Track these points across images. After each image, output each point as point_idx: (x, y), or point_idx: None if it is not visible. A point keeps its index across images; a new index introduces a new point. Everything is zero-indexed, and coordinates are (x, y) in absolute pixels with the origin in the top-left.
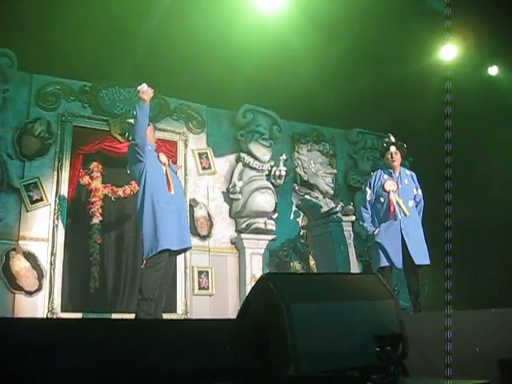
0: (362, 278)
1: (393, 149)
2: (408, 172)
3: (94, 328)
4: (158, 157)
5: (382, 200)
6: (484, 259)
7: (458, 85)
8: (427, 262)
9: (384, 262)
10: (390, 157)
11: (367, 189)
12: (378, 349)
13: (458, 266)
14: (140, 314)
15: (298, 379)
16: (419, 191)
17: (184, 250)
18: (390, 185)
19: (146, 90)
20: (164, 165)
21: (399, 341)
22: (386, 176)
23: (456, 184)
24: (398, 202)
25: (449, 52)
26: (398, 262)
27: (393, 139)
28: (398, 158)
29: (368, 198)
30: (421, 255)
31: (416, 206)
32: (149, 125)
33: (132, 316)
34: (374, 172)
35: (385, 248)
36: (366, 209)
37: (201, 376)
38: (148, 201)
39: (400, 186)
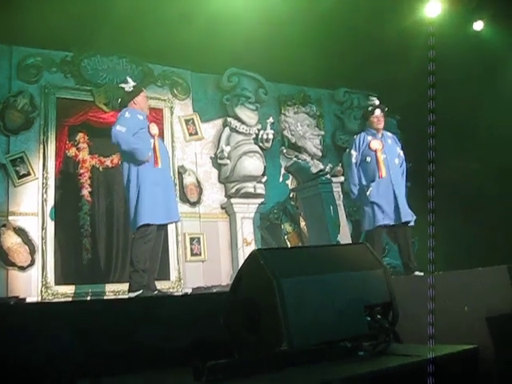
0: (351, 249)
1: (378, 112)
2: (390, 134)
3: (86, 308)
4: (149, 128)
5: (368, 160)
6: (470, 217)
7: (442, 41)
8: (413, 218)
9: (380, 221)
10: (376, 120)
11: (352, 151)
12: (368, 318)
13: (443, 225)
14: (133, 286)
15: (292, 353)
16: (401, 153)
17: (171, 223)
18: (375, 144)
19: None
20: (153, 137)
21: (389, 309)
22: (369, 137)
23: (441, 141)
24: (385, 160)
25: (433, 8)
26: (397, 219)
27: (377, 102)
28: (382, 121)
29: (353, 160)
30: (407, 213)
31: (400, 166)
32: (142, 91)
33: (125, 286)
34: (357, 135)
35: (381, 206)
36: (352, 171)
37: (196, 352)
38: (133, 175)
39: (385, 145)
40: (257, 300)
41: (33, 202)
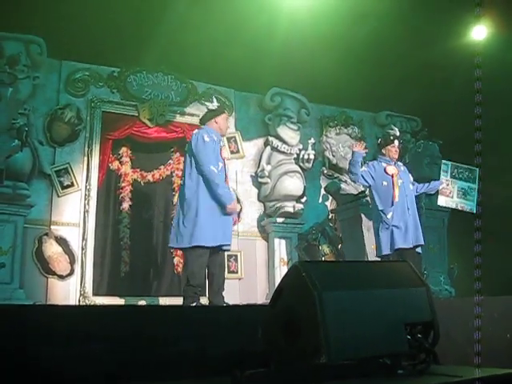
0: (393, 266)
1: (397, 142)
2: (401, 163)
3: (126, 315)
4: (221, 151)
5: (385, 184)
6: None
7: (489, 65)
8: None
9: (400, 245)
10: (393, 150)
11: (364, 167)
12: (409, 336)
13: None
14: (187, 301)
15: (330, 367)
16: (412, 179)
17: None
18: (391, 169)
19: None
20: (224, 160)
21: (430, 328)
22: (384, 164)
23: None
24: (401, 185)
25: (479, 31)
26: (414, 242)
27: (397, 133)
28: (398, 152)
29: (362, 169)
30: (421, 236)
31: (415, 192)
32: (224, 112)
33: (162, 300)
34: (370, 161)
35: (401, 230)
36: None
37: (234, 362)
38: (194, 194)
39: (400, 171)
40: (297, 312)
41: (75, 212)
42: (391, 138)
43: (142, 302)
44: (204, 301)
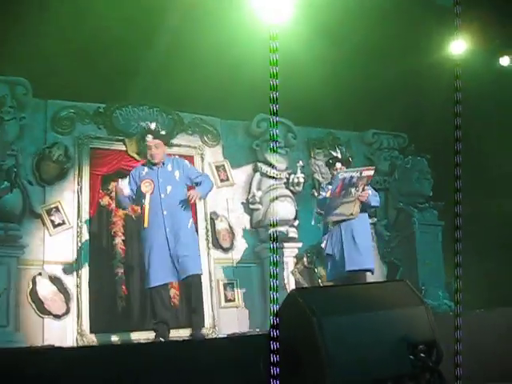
0: (390, 286)
1: (338, 165)
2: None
3: (116, 352)
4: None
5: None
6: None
7: (469, 78)
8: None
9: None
10: (335, 173)
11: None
12: (411, 357)
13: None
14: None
15: None
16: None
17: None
18: None
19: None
20: (144, 195)
21: (433, 347)
22: (330, 186)
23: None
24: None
25: (458, 46)
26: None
27: (339, 155)
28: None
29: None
30: (360, 260)
31: None
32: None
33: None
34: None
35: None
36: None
37: None
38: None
39: None
40: (297, 339)
41: (67, 250)
42: (330, 161)
43: (141, 336)
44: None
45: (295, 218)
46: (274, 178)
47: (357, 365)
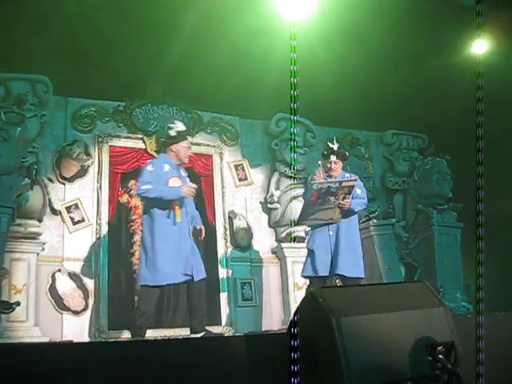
0: (409, 287)
1: (333, 158)
2: (348, 174)
3: (137, 348)
4: (168, 180)
5: None
6: None
7: (490, 79)
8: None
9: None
10: (329, 165)
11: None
12: (430, 358)
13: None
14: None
15: None
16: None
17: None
18: None
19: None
20: None
21: (451, 349)
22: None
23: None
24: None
25: (480, 46)
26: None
27: (334, 147)
28: (337, 168)
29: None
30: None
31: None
32: (185, 139)
33: (177, 331)
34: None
35: (319, 255)
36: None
37: None
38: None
39: None
40: (316, 339)
41: (87, 247)
42: (325, 152)
43: (157, 334)
44: None
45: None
46: (292, 177)
47: (375, 365)
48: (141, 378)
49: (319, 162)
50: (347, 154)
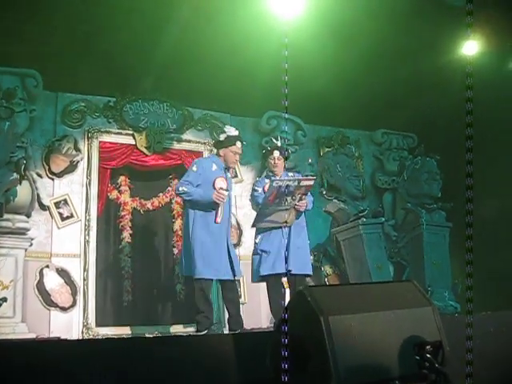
0: (397, 286)
1: (276, 154)
2: (291, 174)
3: (125, 346)
4: (214, 181)
5: None
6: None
7: (480, 79)
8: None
9: (268, 270)
10: (272, 162)
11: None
12: (418, 357)
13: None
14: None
15: None
16: None
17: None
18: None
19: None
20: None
21: (439, 348)
22: (266, 180)
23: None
24: None
25: (470, 46)
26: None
27: (278, 143)
28: (280, 164)
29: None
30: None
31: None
32: (233, 144)
33: (165, 328)
34: (258, 178)
35: (271, 255)
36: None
37: None
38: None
39: None
40: (303, 337)
41: (75, 243)
42: (268, 148)
43: (146, 331)
44: None
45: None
46: None
47: (363, 364)
48: (129, 376)
49: (309, 160)
50: (289, 152)
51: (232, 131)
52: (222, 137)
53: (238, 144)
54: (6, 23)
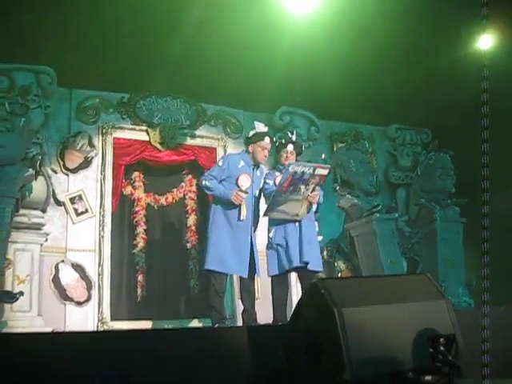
0: (411, 279)
1: (290, 147)
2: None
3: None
4: (238, 178)
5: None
6: None
7: (496, 73)
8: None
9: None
10: (284, 155)
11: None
12: (431, 350)
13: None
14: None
15: (353, 383)
16: None
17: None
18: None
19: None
20: (239, 186)
21: (452, 341)
22: (277, 173)
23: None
24: None
25: (486, 40)
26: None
27: (293, 137)
28: (292, 159)
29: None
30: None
31: None
32: (261, 140)
33: (179, 323)
34: (270, 171)
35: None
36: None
37: (255, 382)
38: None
39: None
40: (317, 329)
41: (90, 238)
42: (283, 141)
43: (160, 325)
44: None
45: (316, 212)
46: None
47: (376, 356)
48: (143, 368)
49: (323, 155)
50: (303, 148)
51: (261, 127)
52: (251, 133)
53: (267, 139)
54: (21, 21)
